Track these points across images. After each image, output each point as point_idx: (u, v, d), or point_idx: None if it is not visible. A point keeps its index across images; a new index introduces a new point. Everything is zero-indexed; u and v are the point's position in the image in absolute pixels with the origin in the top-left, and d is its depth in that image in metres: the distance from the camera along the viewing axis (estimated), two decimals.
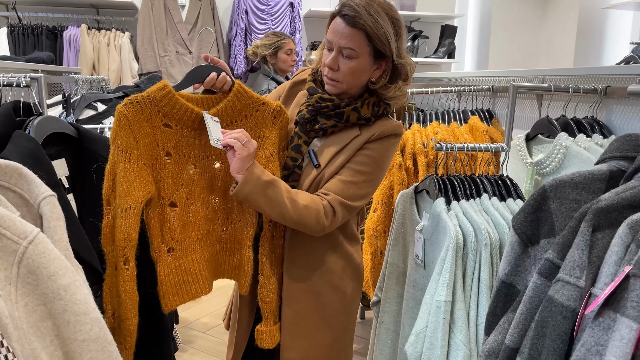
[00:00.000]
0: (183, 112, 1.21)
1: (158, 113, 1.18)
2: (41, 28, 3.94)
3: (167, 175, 1.23)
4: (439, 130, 1.93)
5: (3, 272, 0.71)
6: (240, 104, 1.28)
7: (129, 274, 1.14)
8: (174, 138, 1.22)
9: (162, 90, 1.17)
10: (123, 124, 1.13)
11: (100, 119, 2.04)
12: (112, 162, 1.13)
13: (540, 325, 0.77)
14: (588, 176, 0.86)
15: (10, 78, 1.37)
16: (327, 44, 1.31)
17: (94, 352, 0.75)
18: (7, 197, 0.80)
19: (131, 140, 1.14)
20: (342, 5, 1.27)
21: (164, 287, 1.24)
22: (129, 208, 1.13)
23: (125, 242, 1.13)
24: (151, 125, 1.18)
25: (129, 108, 1.14)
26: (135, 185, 1.14)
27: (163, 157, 1.21)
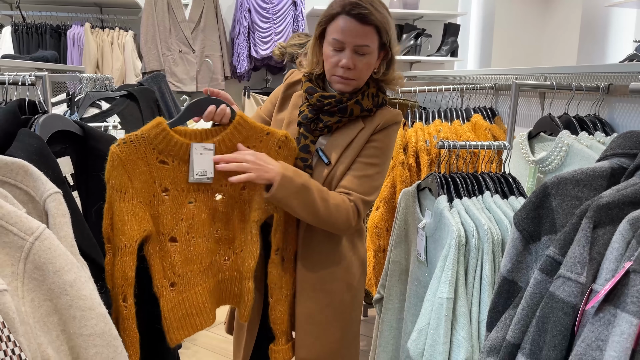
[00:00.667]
0: (178, 148, 1.20)
1: (153, 150, 1.18)
2: (45, 27, 3.95)
3: (166, 211, 1.23)
4: (441, 129, 1.93)
5: (10, 267, 0.72)
6: (241, 135, 1.27)
7: (127, 311, 1.16)
8: (171, 174, 1.22)
9: (156, 128, 1.17)
10: (116, 164, 1.14)
11: (104, 117, 2.05)
12: (109, 202, 1.15)
13: (542, 321, 0.78)
14: (589, 173, 0.86)
15: (15, 76, 1.39)
16: (336, 44, 1.30)
17: (99, 346, 0.76)
18: (13, 193, 0.81)
19: (125, 180, 1.15)
20: (346, 4, 1.27)
21: (169, 322, 1.25)
22: (124, 247, 1.14)
23: (122, 280, 1.14)
24: (146, 163, 1.18)
25: (122, 148, 1.14)
26: (130, 224, 1.15)
27: (161, 194, 1.22)
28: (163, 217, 1.22)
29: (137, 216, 1.16)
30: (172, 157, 1.20)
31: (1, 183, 0.81)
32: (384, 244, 1.83)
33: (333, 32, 1.30)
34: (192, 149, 1.20)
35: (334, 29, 1.30)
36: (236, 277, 1.36)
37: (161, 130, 1.17)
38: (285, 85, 1.50)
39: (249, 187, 1.32)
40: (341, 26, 1.28)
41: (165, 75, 3.02)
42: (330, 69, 1.34)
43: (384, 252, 1.83)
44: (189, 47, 4.22)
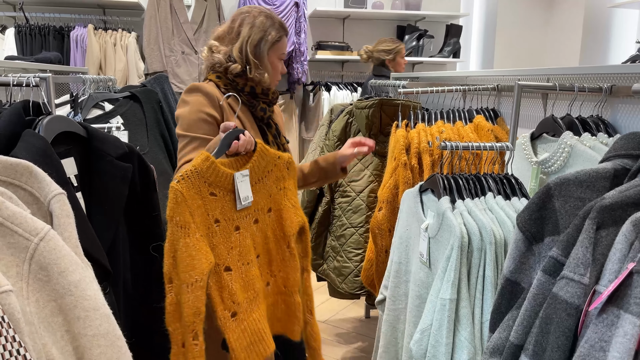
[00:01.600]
0: (224, 179, 1.26)
1: (205, 183, 1.22)
2: (48, 28, 3.97)
3: (219, 241, 1.25)
4: (444, 130, 1.93)
5: (15, 268, 0.72)
6: (264, 161, 1.38)
7: (198, 349, 1.15)
8: (219, 204, 1.26)
9: (206, 162, 1.22)
10: (179, 200, 1.16)
11: (107, 118, 2.05)
12: (171, 240, 1.15)
13: (545, 322, 0.78)
14: (592, 174, 0.87)
15: (19, 78, 1.39)
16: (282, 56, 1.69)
17: (103, 347, 0.77)
18: (17, 194, 0.81)
19: (187, 215, 1.17)
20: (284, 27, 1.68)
21: (236, 353, 1.24)
22: (195, 282, 1.14)
23: (194, 317, 1.14)
24: (201, 196, 1.22)
25: (182, 184, 1.17)
26: (198, 258, 1.16)
27: (213, 225, 1.24)
28: (217, 247, 1.24)
29: (202, 250, 1.17)
30: (219, 188, 1.26)
31: (6, 184, 0.81)
32: (386, 244, 1.83)
33: (282, 48, 1.68)
34: (235, 178, 1.28)
35: (283, 46, 1.68)
36: (279, 299, 1.42)
37: (210, 164, 1.23)
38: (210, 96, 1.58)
39: (274, 208, 1.42)
40: (285, 44, 1.69)
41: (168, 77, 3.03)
42: (277, 74, 1.70)
43: (386, 253, 1.83)
44: (191, 48, 4.23)
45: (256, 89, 1.63)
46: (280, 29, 1.65)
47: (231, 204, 1.28)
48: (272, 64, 1.66)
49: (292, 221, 1.41)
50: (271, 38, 1.62)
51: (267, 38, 1.62)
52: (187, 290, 1.14)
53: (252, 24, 1.62)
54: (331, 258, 2.49)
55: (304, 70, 4.38)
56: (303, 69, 4.36)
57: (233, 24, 1.65)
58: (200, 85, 1.58)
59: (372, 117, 2.31)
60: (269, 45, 1.63)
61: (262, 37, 1.62)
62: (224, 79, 1.61)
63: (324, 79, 4.58)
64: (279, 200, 1.42)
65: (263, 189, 1.38)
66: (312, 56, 4.47)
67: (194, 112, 1.53)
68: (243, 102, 1.60)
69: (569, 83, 1.59)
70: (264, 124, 1.67)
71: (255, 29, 1.61)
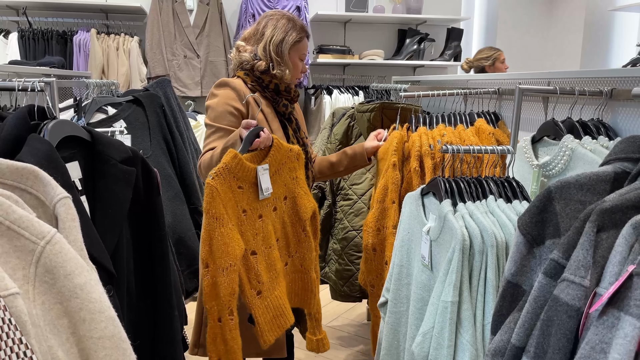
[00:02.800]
0: (249, 173, 1.39)
1: (234, 178, 1.35)
2: (51, 33, 3.99)
3: (246, 229, 1.38)
4: (445, 133, 1.94)
5: (21, 271, 0.73)
6: (279, 154, 1.51)
7: (234, 322, 1.31)
8: (246, 196, 1.39)
9: (235, 159, 1.35)
10: (215, 195, 1.28)
11: (110, 122, 2.06)
12: (208, 230, 1.28)
13: (546, 324, 0.78)
14: (593, 177, 0.87)
15: (24, 83, 1.40)
16: (303, 56, 1.84)
17: (108, 349, 0.77)
18: (23, 198, 0.82)
19: (221, 208, 1.29)
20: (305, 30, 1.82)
21: (261, 326, 1.40)
22: (229, 266, 1.28)
23: (230, 296, 1.29)
24: (231, 190, 1.34)
25: (216, 181, 1.29)
26: (232, 245, 1.29)
27: (242, 215, 1.38)
28: (245, 235, 1.38)
29: (235, 238, 1.31)
30: (245, 181, 1.39)
31: (12, 188, 0.82)
32: (373, 242, 1.86)
33: (302, 49, 1.82)
34: (258, 171, 1.41)
35: (303, 46, 1.82)
36: (296, 277, 1.57)
37: (239, 160, 1.36)
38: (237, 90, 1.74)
39: (289, 196, 1.56)
40: (306, 45, 1.83)
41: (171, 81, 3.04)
42: (297, 73, 1.84)
43: (374, 251, 1.86)
44: (193, 52, 4.25)
45: (280, 86, 1.77)
46: (301, 31, 1.80)
47: (255, 195, 1.41)
48: (293, 63, 1.80)
49: (305, 207, 1.57)
50: (292, 39, 1.76)
51: (288, 38, 1.76)
52: (222, 273, 1.28)
53: (275, 26, 1.77)
54: (333, 261, 2.50)
55: (306, 74, 4.39)
56: (304, 73, 4.37)
57: (258, 26, 1.80)
58: (229, 81, 1.74)
59: (374, 121, 2.32)
60: (290, 45, 1.76)
61: (283, 38, 1.76)
62: (251, 76, 1.76)
63: (325, 83, 4.60)
64: (293, 188, 1.57)
65: (279, 180, 1.51)
66: (314, 60, 4.49)
67: (221, 105, 1.69)
68: (267, 97, 1.76)
69: (569, 86, 1.59)
70: (285, 118, 1.81)
71: (278, 30, 1.76)
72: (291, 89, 1.82)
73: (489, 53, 3.86)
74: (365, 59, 4.52)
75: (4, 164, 0.81)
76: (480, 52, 3.90)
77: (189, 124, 2.50)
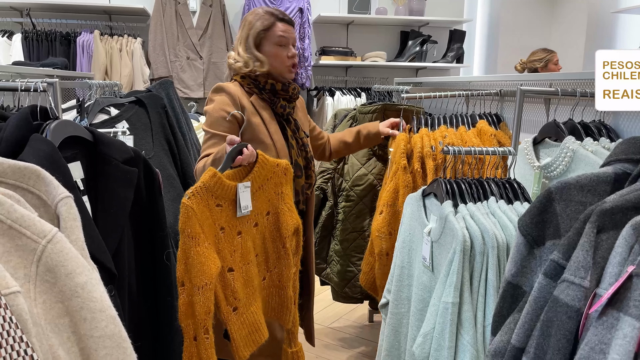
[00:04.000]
0: (228, 190, 1.38)
1: (212, 197, 1.35)
2: (55, 34, 4.00)
3: (224, 246, 1.38)
4: (447, 134, 1.94)
5: (22, 270, 0.74)
6: (264, 170, 1.50)
7: (209, 341, 1.31)
8: (225, 214, 1.38)
9: (214, 178, 1.34)
10: (190, 214, 1.28)
11: (113, 123, 2.07)
12: (183, 249, 1.28)
13: (546, 325, 0.78)
14: (593, 178, 0.87)
15: (27, 83, 1.41)
16: (283, 40, 1.73)
17: (109, 348, 0.78)
18: (25, 198, 0.82)
19: (197, 227, 1.29)
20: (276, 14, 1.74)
21: (236, 342, 1.40)
22: (205, 285, 1.28)
23: (205, 315, 1.29)
24: (209, 208, 1.33)
25: (192, 200, 1.29)
26: (207, 264, 1.29)
27: (219, 233, 1.37)
28: (222, 252, 1.38)
29: (211, 257, 1.31)
30: (224, 199, 1.38)
31: (14, 187, 0.82)
32: (386, 247, 1.84)
33: (276, 34, 1.72)
34: (238, 189, 1.40)
35: (277, 31, 1.72)
36: (273, 292, 1.57)
37: (218, 179, 1.35)
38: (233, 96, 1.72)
39: (272, 211, 1.54)
40: (282, 28, 1.73)
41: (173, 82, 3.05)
42: (282, 62, 1.74)
43: (387, 256, 1.84)
44: (196, 53, 4.26)
45: (276, 85, 1.74)
46: (269, 17, 1.73)
47: (234, 212, 1.40)
48: (269, 53, 1.74)
49: (287, 223, 1.55)
50: (256, 28, 1.72)
51: (252, 31, 1.73)
52: (198, 292, 1.27)
53: (244, 25, 1.77)
54: (334, 262, 2.50)
55: (308, 76, 4.40)
56: (307, 74, 4.38)
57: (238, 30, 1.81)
58: (225, 86, 1.73)
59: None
60: (256, 35, 1.73)
61: (249, 31, 1.74)
62: (247, 79, 1.75)
63: (327, 84, 4.60)
64: (277, 204, 1.56)
65: (263, 195, 1.50)
66: (316, 61, 4.49)
67: (217, 110, 1.69)
68: (264, 99, 1.75)
69: (571, 88, 1.59)
70: (283, 119, 1.78)
71: (245, 27, 1.75)
72: (289, 87, 1.78)
73: (541, 55, 3.93)
74: (367, 61, 4.53)
75: (6, 163, 0.82)
76: (534, 54, 3.97)
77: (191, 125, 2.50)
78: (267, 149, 1.69)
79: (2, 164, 0.81)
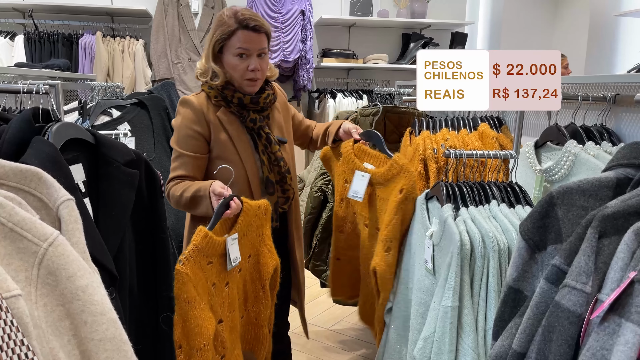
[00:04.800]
0: (218, 247, 1.38)
1: (204, 257, 1.34)
2: (57, 35, 4.01)
3: (215, 301, 1.39)
4: (448, 137, 1.94)
5: (24, 273, 0.74)
6: (248, 217, 1.49)
7: None
8: (215, 269, 1.39)
9: (205, 238, 1.33)
10: (185, 280, 1.27)
11: (114, 124, 2.07)
12: (180, 313, 1.27)
13: (547, 330, 0.78)
14: (595, 183, 0.87)
15: (29, 85, 1.41)
16: (242, 51, 1.55)
17: (109, 351, 0.77)
18: (27, 200, 0.82)
19: (192, 291, 1.28)
20: (241, 20, 1.54)
21: None
22: (204, 346, 1.29)
23: None
24: (201, 269, 1.33)
25: (186, 266, 1.28)
26: (205, 325, 1.30)
27: (211, 289, 1.37)
28: (214, 306, 1.38)
29: (207, 317, 1.32)
30: (214, 255, 1.38)
31: (15, 190, 0.82)
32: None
33: (236, 43, 1.55)
34: (227, 243, 1.40)
35: (236, 42, 1.55)
36: (250, 328, 1.59)
37: (209, 239, 1.34)
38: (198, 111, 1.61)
39: (253, 254, 1.55)
40: (243, 38, 1.54)
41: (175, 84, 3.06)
42: (240, 75, 1.58)
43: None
44: (198, 55, 4.26)
45: (244, 99, 1.60)
46: (232, 23, 1.55)
47: (223, 265, 1.41)
48: (227, 64, 1.59)
49: (268, 265, 1.57)
50: (215, 37, 1.57)
51: (213, 39, 1.58)
52: (197, 354, 1.29)
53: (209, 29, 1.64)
54: None
55: (310, 78, 4.40)
56: (309, 76, 4.38)
57: None
58: (189, 100, 1.62)
59: (377, 125, 2.32)
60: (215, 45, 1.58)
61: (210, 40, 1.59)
62: (214, 91, 1.61)
63: (329, 86, 4.60)
64: (258, 246, 1.57)
65: (247, 241, 1.51)
66: (318, 63, 4.50)
67: (182, 128, 1.61)
68: (233, 112, 1.63)
69: (572, 92, 1.59)
70: (255, 133, 1.65)
71: (210, 34, 1.61)
72: (259, 98, 1.63)
73: None
74: (369, 63, 4.53)
75: (8, 166, 0.82)
76: None
77: None
78: (235, 167, 1.58)
79: (3, 166, 0.81)
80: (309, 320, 2.97)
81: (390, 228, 1.54)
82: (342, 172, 1.78)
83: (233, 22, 1.54)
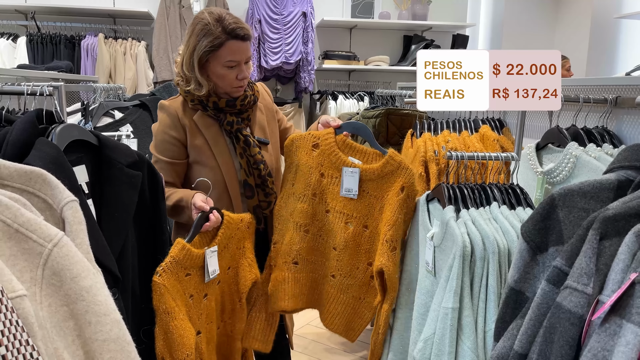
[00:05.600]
0: (196, 259, 1.39)
1: (181, 268, 1.35)
2: (59, 37, 4.02)
3: (193, 313, 1.40)
4: (450, 139, 1.94)
5: (29, 273, 0.74)
6: (229, 230, 1.51)
7: None
8: (193, 281, 1.40)
9: (182, 250, 1.35)
10: (163, 291, 1.29)
11: (117, 126, 2.08)
12: (161, 325, 1.29)
13: (549, 331, 0.78)
14: (596, 185, 0.88)
15: (33, 87, 1.42)
16: (233, 63, 1.53)
17: (113, 351, 0.78)
18: (31, 201, 0.83)
19: (171, 302, 1.30)
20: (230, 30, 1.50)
21: None
22: (186, 357, 1.30)
23: None
24: (179, 281, 1.35)
25: (163, 277, 1.30)
26: (186, 335, 1.31)
27: (189, 300, 1.38)
28: (192, 318, 1.39)
29: (187, 328, 1.33)
30: (192, 267, 1.39)
31: (20, 191, 0.83)
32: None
33: (227, 55, 1.52)
34: (206, 255, 1.41)
35: (226, 54, 1.52)
36: (224, 340, 1.59)
37: (187, 251, 1.35)
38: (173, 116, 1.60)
39: (233, 266, 1.56)
40: (233, 48, 1.52)
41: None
42: (229, 84, 1.56)
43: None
44: None
45: (219, 103, 1.58)
46: (220, 34, 1.49)
47: (202, 277, 1.42)
48: (214, 73, 1.55)
49: (246, 279, 1.57)
50: (203, 47, 1.50)
51: (197, 49, 1.51)
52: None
53: (191, 34, 1.53)
54: None
55: (311, 79, 4.41)
56: (310, 78, 4.39)
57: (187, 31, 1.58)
58: (164, 105, 1.62)
59: (379, 127, 2.33)
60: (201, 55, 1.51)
61: (194, 48, 1.52)
62: (191, 95, 1.57)
63: (330, 88, 4.61)
64: (238, 259, 1.57)
65: (227, 254, 1.52)
66: (319, 65, 4.50)
67: (159, 133, 1.61)
68: (210, 116, 1.61)
69: (574, 94, 1.60)
70: (233, 136, 1.62)
71: (192, 40, 1.52)
72: (236, 100, 1.60)
73: None
74: (370, 65, 4.53)
75: (13, 167, 0.82)
76: None
77: None
78: (212, 171, 1.59)
79: (8, 168, 0.82)
80: (309, 321, 2.97)
81: (396, 228, 1.51)
82: (317, 165, 1.63)
83: (221, 32, 1.49)
